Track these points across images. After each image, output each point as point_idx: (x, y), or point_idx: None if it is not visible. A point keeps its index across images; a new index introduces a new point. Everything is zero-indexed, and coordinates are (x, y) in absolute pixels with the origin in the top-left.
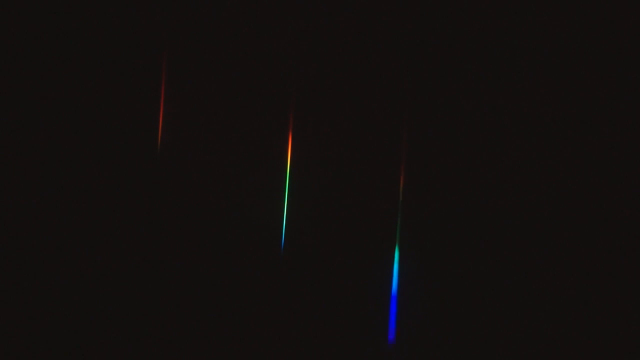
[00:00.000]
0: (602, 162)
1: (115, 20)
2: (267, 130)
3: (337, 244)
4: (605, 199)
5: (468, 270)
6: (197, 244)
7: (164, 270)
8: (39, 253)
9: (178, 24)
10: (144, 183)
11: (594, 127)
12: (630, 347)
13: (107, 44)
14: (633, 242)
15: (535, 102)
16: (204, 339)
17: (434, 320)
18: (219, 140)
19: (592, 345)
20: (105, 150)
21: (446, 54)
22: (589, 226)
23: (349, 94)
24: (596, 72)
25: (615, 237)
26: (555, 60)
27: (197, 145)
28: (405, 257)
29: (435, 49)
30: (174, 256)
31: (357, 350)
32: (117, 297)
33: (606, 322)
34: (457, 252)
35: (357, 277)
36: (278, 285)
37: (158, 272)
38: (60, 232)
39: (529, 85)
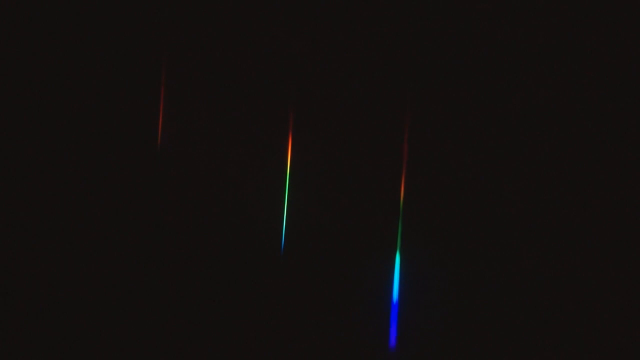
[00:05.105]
0: (604, 163)
1: (115, 21)
2: (267, 130)
3: (337, 246)
4: (608, 200)
5: (470, 275)
6: (197, 244)
7: (164, 270)
8: (38, 252)
9: (178, 24)
10: (144, 183)
11: (596, 128)
12: (631, 347)
13: (107, 44)
14: (633, 242)
15: (538, 104)
16: (203, 340)
17: (435, 326)
18: (219, 140)
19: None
20: (105, 150)
21: (448, 54)
22: (595, 231)
23: (349, 94)
24: (597, 73)
25: (618, 237)
26: (556, 60)
27: (197, 145)
28: (407, 261)
29: (436, 49)
30: (174, 256)
31: (357, 356)
32: (116, 297)
33: (613, 325)
34: (459, 257)
35: (358, 283)
36: (278, 288)
37: (158, 272)
38: (60, 232)
39: (532, 87)
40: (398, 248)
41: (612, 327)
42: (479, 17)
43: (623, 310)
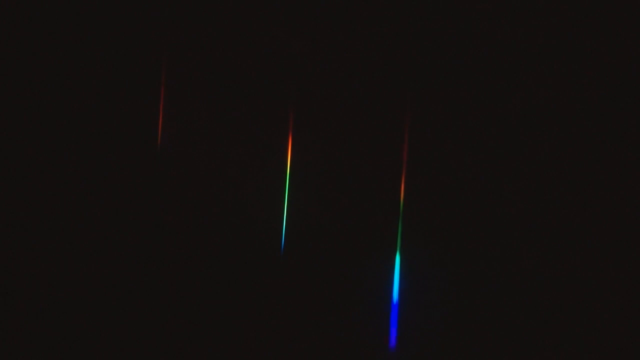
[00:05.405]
0: (604, 163)
1: (115, 21)
2: (267, 130)
3: (337, 246)
4: (608, 200)
5: (470, 275)
6: (197, 245)
7: (164, 271)
8: (38, 252)
9: (178, 24)
10: (144, 183)
11: (596, 128)
12: (631, 347)
13: (107, 44)
14: (633, 242)
15: (538, 104)
16: (203, 340)
17: (435, 326)
18: (219, 140)
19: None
20: (105, 150)
21: (448, 54)
22: (595, 231)
23: (349, 94)
24: (597, 73)
25: (618, 237)
26: (556, 60)
27: (197, 145)
28: (407, 261)
29: (436, 49)
30: (174, 256)
31: (357, 356)
32: (116, 297)
33: (613, 325)
34: (459, 257)
35: (358, 283)
36: (278, 288)
37: (158, 273)
38: (60, 232)
39: (532, 87)
40: (398, 248)
41: (612, 327)
42: (479, 17)
43: (623, 310)
